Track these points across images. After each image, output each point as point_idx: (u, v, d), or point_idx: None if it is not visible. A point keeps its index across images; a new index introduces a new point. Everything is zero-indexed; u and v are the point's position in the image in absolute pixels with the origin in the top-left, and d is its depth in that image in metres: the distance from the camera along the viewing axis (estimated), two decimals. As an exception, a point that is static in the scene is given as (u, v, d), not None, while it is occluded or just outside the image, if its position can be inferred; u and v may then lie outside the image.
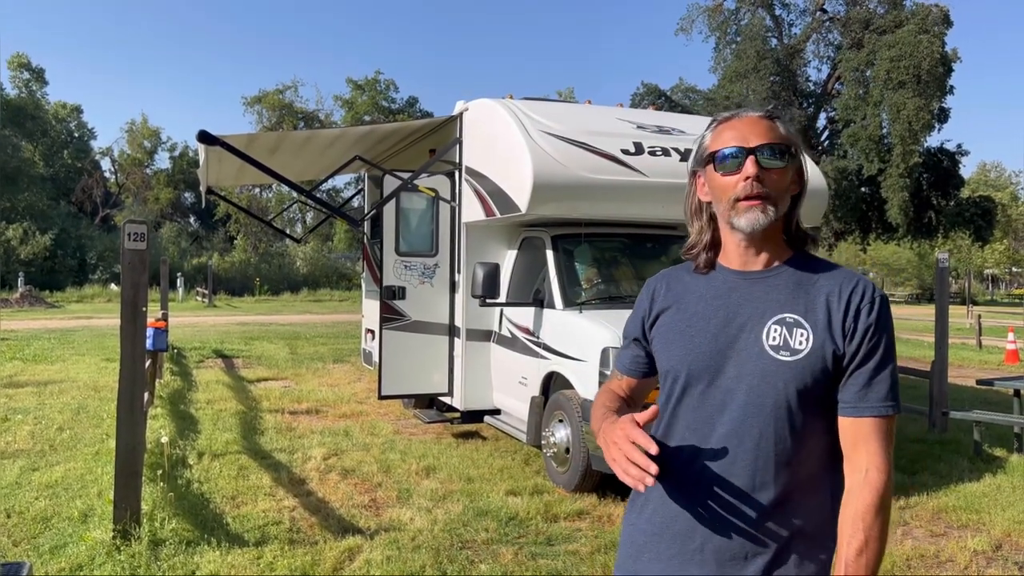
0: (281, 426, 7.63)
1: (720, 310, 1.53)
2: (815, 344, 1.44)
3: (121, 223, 5.03)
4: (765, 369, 1.45)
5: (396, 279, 7.10)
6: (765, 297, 1.51)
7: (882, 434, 1.45)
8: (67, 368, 11.30)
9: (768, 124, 1.51)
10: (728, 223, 1.52)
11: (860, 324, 1.45)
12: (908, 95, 28.06)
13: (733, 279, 1.55)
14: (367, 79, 48.55)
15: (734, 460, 1.45)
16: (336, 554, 4.25)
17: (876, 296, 1.48)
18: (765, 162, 1.47)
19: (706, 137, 1.57)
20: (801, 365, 1.43)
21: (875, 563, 1.39)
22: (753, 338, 1.48)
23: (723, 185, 1.50)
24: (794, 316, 1.47)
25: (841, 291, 1.47)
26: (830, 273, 1.52)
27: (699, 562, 1.46)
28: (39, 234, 35.44)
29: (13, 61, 46.12)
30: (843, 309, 1.46)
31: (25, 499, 5.13)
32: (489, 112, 6.60)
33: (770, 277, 1.53)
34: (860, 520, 1.39)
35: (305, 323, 21.06)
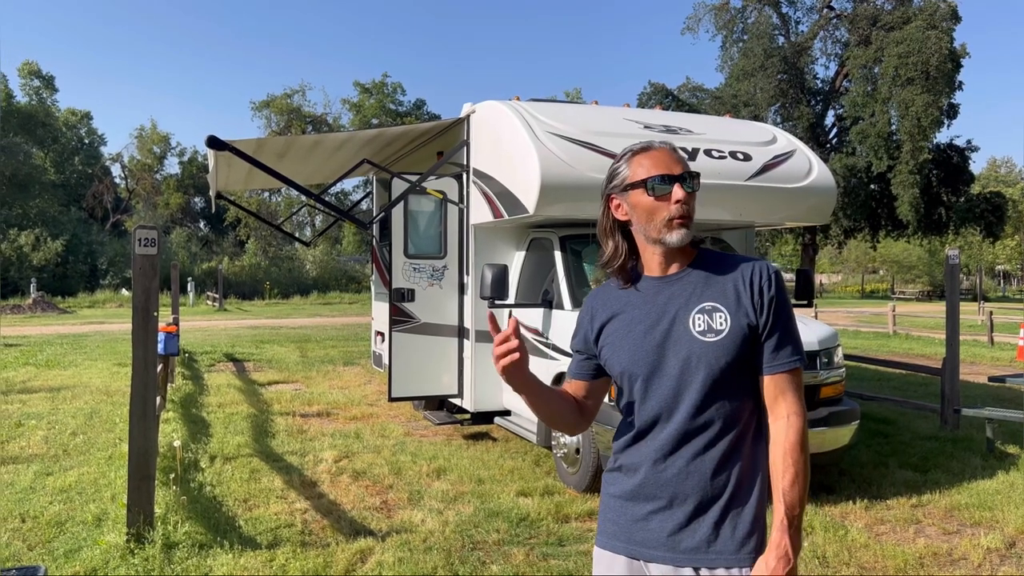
0: (292, 429, 7.66)
1: (652, 312, 1.80)
2: (733, 323, 1.72)
3: (132, 228, 5.05)
4: (697, 351, 1.72)
5: (405, 281, 7.12)
6: (684, 293, 1.78)
7: (794, 385, 1.75)
8: (79, 373, 11.38)
9: (677, 156, 1.79)
10: (655, 239, 1.78)
11: (765, 298, 1.74)
12: (917, 91, 27.87)
13: (657, 284, 1.82)
14: (374, 82, 48.69)
15: (687, 431, 1.73)
16: (348, 556, 4.27)
17: (771, 273, 1.77)
18: (688, 188, 1.76)
19: (622, 167, 1.82)
20: (725, 342, 1.71)
21: (805, 490, 1.69)
22: (683, 328, 1.74)
23: (654, 207, 1.76)
24: (712, 303, 1.75)
25: (743, 275, 1.76)
26: (731, 262, 1.80)
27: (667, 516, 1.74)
28: (51, 240, 35.67)
29: (23, 68, 46.42)
30: (749, 289, 1.74)
31: (39, 503, 5.17)
32: (496, 114, 6.61)
33: (685, 276, 1.80)
34: (789, 456, 1.69)
35: (315, 326, 21.13)
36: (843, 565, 4.32)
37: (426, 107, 50.04)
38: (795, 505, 1.67)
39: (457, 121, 7.35)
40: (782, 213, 6.61)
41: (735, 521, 1.72)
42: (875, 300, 42.25)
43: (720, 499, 1.72)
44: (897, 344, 16.81)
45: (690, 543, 1.72)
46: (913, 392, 9.90)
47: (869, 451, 6.73)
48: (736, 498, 1.73)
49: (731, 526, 1.72)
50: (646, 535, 1.77)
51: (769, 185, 6.34)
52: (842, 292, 55.28)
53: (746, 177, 6.25)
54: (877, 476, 6.01)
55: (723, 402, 1.72)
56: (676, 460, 1.74)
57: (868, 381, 10.70)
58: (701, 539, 1.72)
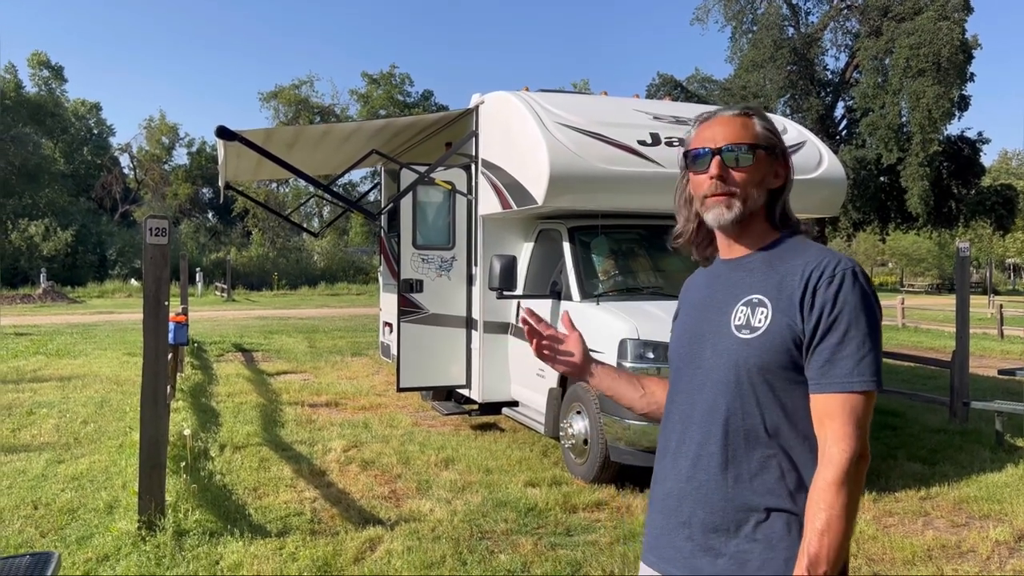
0: (301, 418, 7.70)
1: (707, 297, 1.64)
2: (773, 321, 1.48)
3: (142, 219, 5.08)
4: (730, 348, 1.52)
5: (413, 272, 7.14)
6: (739, 281, 1.58)
7: (847, 410, 1.41)
8: (90, 363, 11.44)
9: (741, 122, 1.58)
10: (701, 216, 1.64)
11: (817, 299, 1.45)
12: (928, 83, 27.69)
13: (723, 268, 1.65)
14: (382, 73, 48.57)
15: (709, 437, 1.53)
16: (357, 544, 4.30)
17: (839, 271, 1.46)
18: (729, 160, 1.56)
19: (689, 136, 1.66)
20: (759, 342, 1.48)
21: (839, 543, 1.36)
22: (724, 320, 1.55)
23: (696, 183, 1.62)
24: (760, 296, 1.52)
25: (804, 269, 1.49)
26: (803, 253, 1.54)
27: (687, 536, 1.54)
28: (60, 230, 35.81)
29: (33, 59, 46.51)
30: (802, 286, 1.47)
31: (52, 491, 5.21)
32: (505, 104, 6.60)
33: (746, 262, 1.60)
34: (822, 498, 1.38)
35: (323, 317, 21.18)
36: (851, 556, 4.31)
37: (434, 98, 49.95)
38: (820, 560, 1.35)
39: (466, 112, 7.34)
40: (792, 204, 6.57)
41: (764, 558, 1.45)
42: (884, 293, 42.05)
43: (745, 529, 1.47)
44: (906, 337, 16.75)
45: (710, 572, 1.50)
46: (922, 385, 9.87)
47: (878, 443, 6.71)
48: (767, 533, 1.46)
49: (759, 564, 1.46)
50: (672, 552, 1.57)
51: (779, 176, 6.30)
52: (851, 285, 55.05)
53: (756, 168, 6.21)
54: (886, 468, 6.00)
55: (753, 411, 1.48)
56: (698, 472, 1.53)
57: (877, 374, 10.66)
58: (722, 571, 1.48)
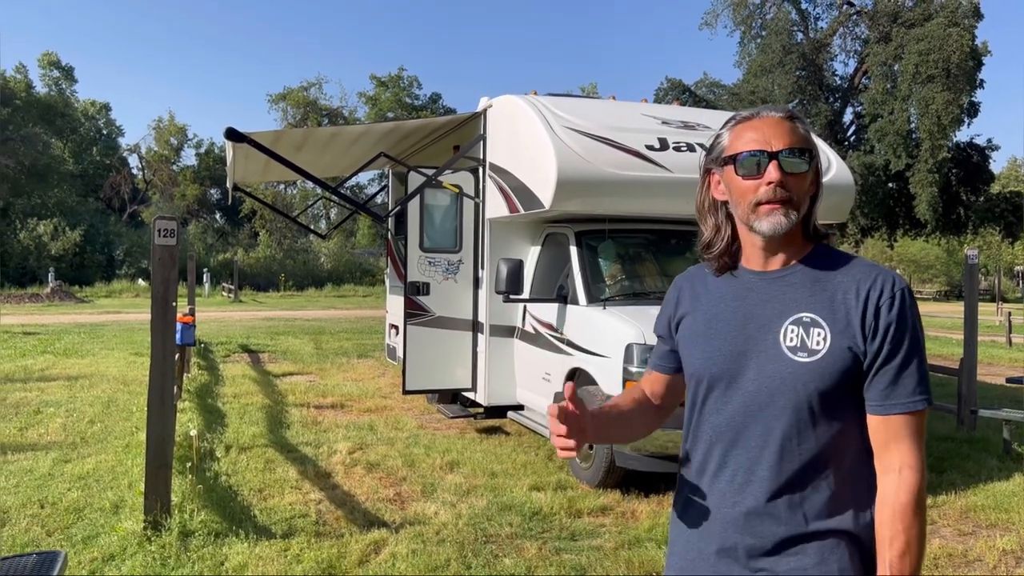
0: (307, 420, 7.71)
1: (738, 311, 1.52)
2: (833, 344, 1.41)
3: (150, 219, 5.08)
4: (783, 371, 1.43)
5: (420, 275, 7.14)
6: (782, 296, 1.49)
7: (913, 430, 1.41)
8: (97, 362, 11.48)
9: (790, 126, 1.48)
10: (747, 225, 1.50)
11: (881, 321, 1.40)
12: (937, 89, 27.64)
13: (754, 279, 1.54)
14: (391, 76, 48.69)
15: (759, 462, 1.45)
16: (362, 547, 4.30)
17: (897, 290, 1.42)
18: (788, 166, 1.45)
19: (724, 136, 1.54)
20: (820, 366, 1.41)
21: (918, 564, 1.37)
22: (771, 339, 1.46)
23: (743, 188, 1.48)
24: (811, 315, 1.44)
25: (859, 287, 1.43)
26: (848, 267, 1.48)
27: (731, 561, 1.47)
28: (69, 230, 35.97)
29: (43, 59, 46.80)
30: (862, 306, 1.42)
31: (58, 490, 5.23)
32: (513, 108, 6.61)
33: (787, 275, 1.50)
34: (899, 521, 1.37)
35: (329, 318, 21.21)
36: (857, 564, 4.30)
37: (442, 101, 50.10)
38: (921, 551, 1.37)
39: (474, 115, 7.35)
40: (800, 210, 6.56)
41: None
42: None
43: (799, 554, 1.42)
44: (913, 344, 16.63)
45: None
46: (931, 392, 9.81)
47: (884, 451, 6.68)
48: (824, 561, 1.42)
49: None
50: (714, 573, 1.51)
51: (787, 182, 6.29)
52: (858, 291, 54.87)
53: (764, 174, 6.21)
54: (892, 476, 5.96)
55: (808, 435, 1.43)
56: (746, 498, 1.46)
57: (884, 381, 10.62)
58: None
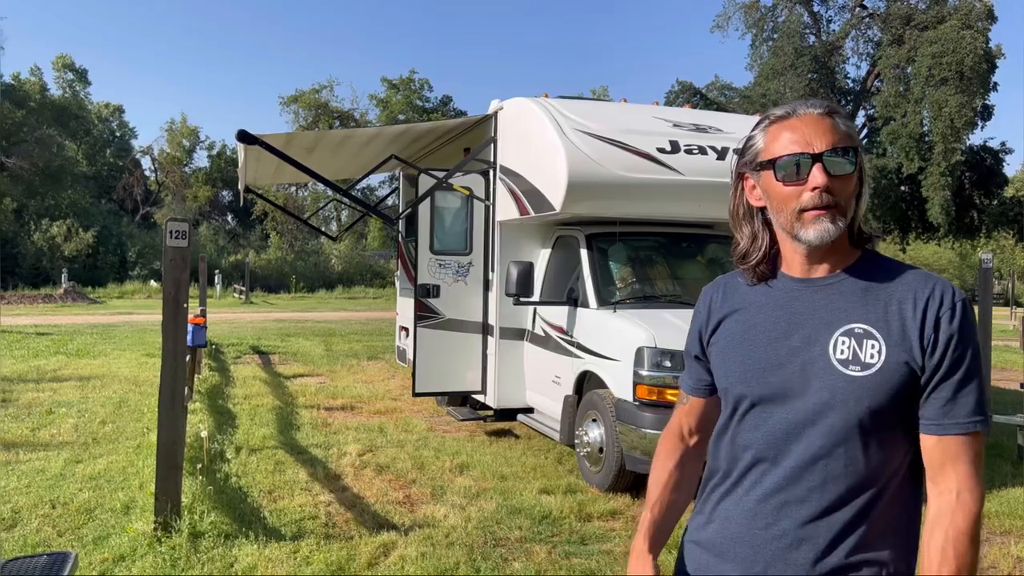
0: (317, 422, 7.72)
1: (781, 321, 1.40)
2: (889, 357, 1.31)
3: (162, 221, 5.11)
4: (834, 386, 1.32)
5: (430, 277, 7.14)
6: (830, 306, 1.37)
7: (972, 452, 1.31)
8: (109, 363, 11.54)
9: (830, 123, 1.35)
10: (791, 234, 1.38)
11: (941, 335, 1.30)
12: (950, 92, 27.47)
13: (796, 287, 1.42)
14: (402, 78, 48.77)
15: (800, 482, 1.34)
16: (371, 549, 4.29)
17: (957, 301, 1.32)
18: (833, 168, 1.33)
19: (757, 138, 1.42)
20: (874, 381, 1.30)
21: None
22: (819, 351, 1.35)
23: (785, 195, 1.36)
24: (863, 326, 1.33)
25: (916, 297, 1.33)
26: (902, 276, 1.37)
27: None
28: (82, 231, 36.19)
29: (58, 62, 47.16)
30: (920, 318, 1.31)
31: (69, 490, 5.25)
32: (524, 111, 6.60)
33: (835, 283, 1.39)
34: (951, 548, 1.26)
35: (340, 320, 21.25)
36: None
37: (453, 103, 50.10)
38: None
39: (484, 118, 7.35)
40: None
41: None
42: (903, 303, 41.68)
43: None
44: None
45: None
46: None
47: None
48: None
49: None
50: None
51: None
52: (870, 295, 54.70)
53: (776, 177, 6.18)
54: (905, 482, 5.92)
55: (857, 455, 1.31)
56: (781, 520, 1.34)
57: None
58: None
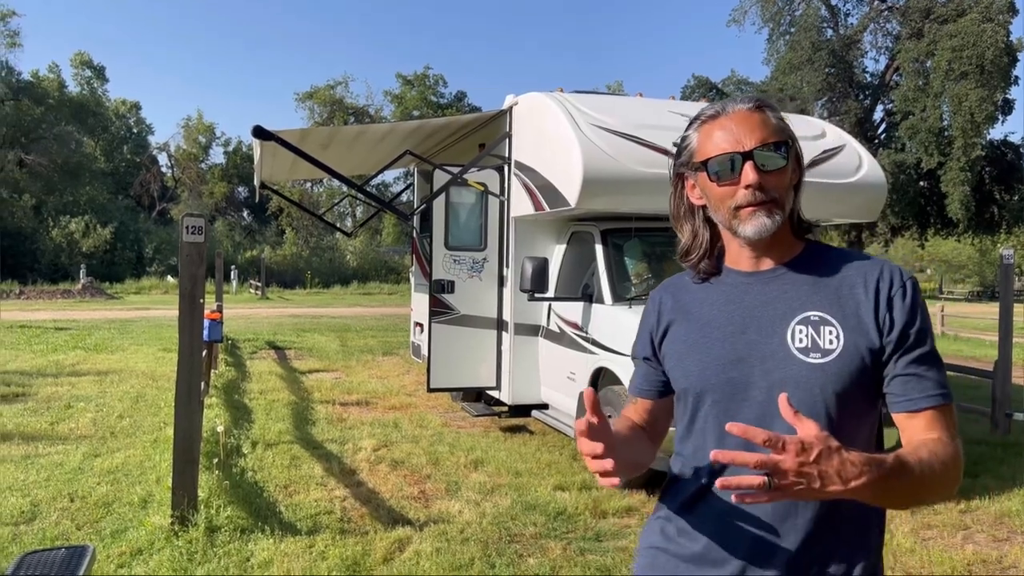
0: (332, 417, 7.74)
1: (735, 316, 1.40)
2: (847, 341, 1.31)
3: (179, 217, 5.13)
4: (796, 375, 1.32)
5: (445, 273, 7.14)
6: (783, 296, 1.37)
7: (947, 421, 1.31)
8: (126, 358, 11.63)
9: (760, 117, 1.35)
10: (731, 231, 1.39)
11: (896, 313, 1.32)
12: (970, 86, 27.18)
13: (745, 281, 1.42)
14: (416, 74, 48.84)
15: None
16: (386, 544, 4.30)
17: (907, 280, 1.35)
18: (765, 164, 1.33)
19: (691, 138, 1.42)
20: (836, 366, 1.30)
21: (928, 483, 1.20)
22: (778, 342, 1.34)
23: (720, 194, 1.36)
24: (819, 313, 1.34)
25: (867, 280, 1.35)
26: (849, 261, 1.39)
27: None
28: (100, 227, 36.56)
29: (76, 59, 47.60)
30: (873, 299, 1.33)
31: (87, 484, 5.29)
32: (539, 106, 6.57)
33: (784, 274, 1.40)
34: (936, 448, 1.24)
35: (355, 316, 21.33)
36: (888, 570, 4.22)
37: (467, 99, 50.14)
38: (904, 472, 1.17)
39: (499, 113, 7.33)
40: (830, 209, 6.48)
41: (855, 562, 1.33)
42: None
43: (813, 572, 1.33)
44: (945, 345, 16.39)
45: None
46: (962, 395, 9.63)
47: (915, 454, 6.57)
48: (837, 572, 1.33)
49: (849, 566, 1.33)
50: None
51: (817, 180, 6.20)
52: (887, 291, 54.21)
53: (793, 172, 6.13)
54: (924, 480, 5.86)
55: None
56: (756, 518, 1.33)
57: (914, 382, 10.46)
58: None
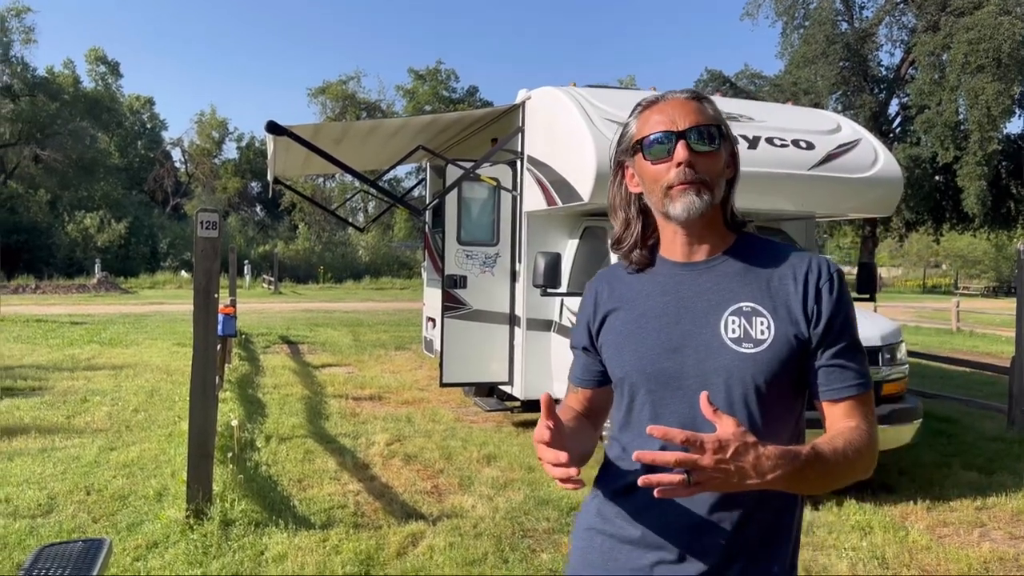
0: (345, 411, 7.77)
1: (670, 306, 1.44)
2: (778, 331, 1.37)
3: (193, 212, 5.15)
4: (730, 365, 1.36)
5: (457, 268, 7.14)
6: (716, 288, 1.43)
7: (866, 409, 1.38)
8: (141, 352, 11.71)
9: (696, 105, 1.43)
10: (663, 212, 1.44)
11: (824, 305, 1.38)
12: (987, 79, 26.85)
13: (678, 272, 1.47)
14: (428, 69, 48.85)
15: None
16: (400, 539, 4.31)
17: (833, 272, 1.41)
18: (696, 146, 1.39)
19: (631, 125, 1.48)
20: (767, 355, 1.36)
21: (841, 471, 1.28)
22: (710, 332, 1.39)
23: (654, 173, 1.42)
24: (750, 304, 1.39)
25: (796, 272, 1.41)
26: (779, 254, 1.45)
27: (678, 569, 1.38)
28: (114, 222, 36.80)
29: (90, 55, 47.88)
30: (802, 291, 1.39)
31: (104, 477, 5.33)
32: (552, 100, 6.55)
33: (717, 265, 1.45)
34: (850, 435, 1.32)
35: (367, 311, 21.38)
36: (903, 567, 4.20)
37: (479, 93, 50.10)
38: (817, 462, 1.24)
39: (512, 108, 7.31)
40: (846, 204, 6.43)
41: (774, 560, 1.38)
42: (937, 295, 41.04)
43: (744, 556, 1.36)
44: (961, 341, 16.26)
45: None
46: (978, 391, 9.56)
47: (931, 451, 6.52)
48: (766, 556, 1.38)
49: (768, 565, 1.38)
50: None
51: (833, 175, 6.16)
52: (902, 287, 53.81)
53: (809, 166, 6.09)
54: (939, 477, 5.82)
55: (758, 429, 1.34)
56: (693, 504, 1.36)
57: (930, 379, 10.38)
58: None
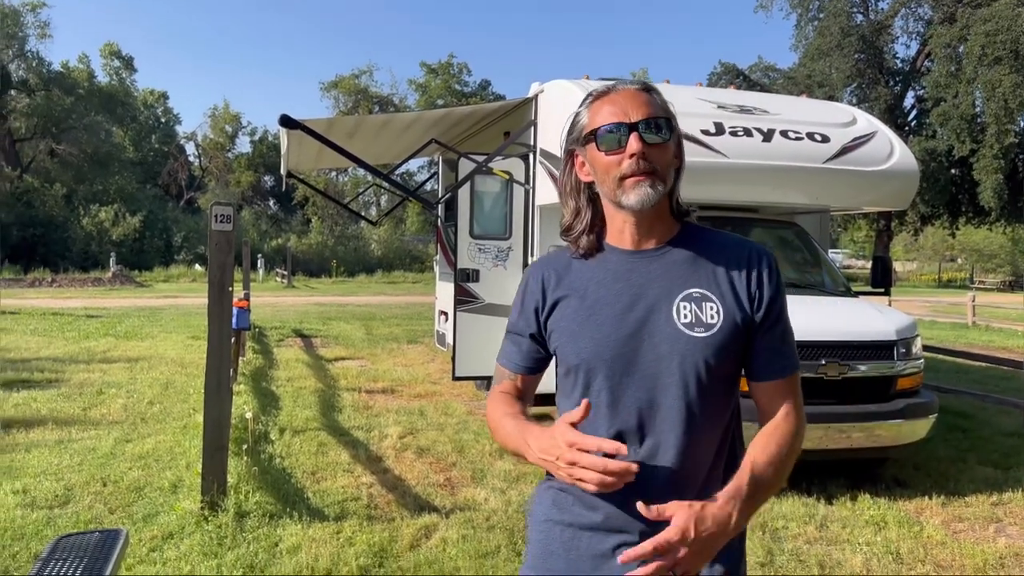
0: (358, 404, 7.79)
1: (623, 293, 1.49)
2: (726, 316, 1.44)
3: (207, 206, 5.15)
4: (684, 349, 1.42)
5: (470, 262, 7.15)
6: (667, 274, 1.48)
7: (795, 388, 1.50)
8: (156, 345, 11.79)
9: (646, 97, 1.46)
10: (615, 202, 1.48)
11: (765, 291, 1.47)
12: (1004, 72, 26.58)
13: (629, 260, 1.51)
14: (440, 63, 48.82)
15: (664, 445, 1.42)
16: (413, 531, 4.33)
17: (772, 260, 1.50)
18: (648, 137, 1.43)
19: (582, 115, 1.51)
20: (717, 339, 1.43)
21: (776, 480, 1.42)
22: (664, 318, 1.45)
23: (606, 163, 1.45)
24: (700, 290, 1.46)
25: (738, 260, 1.49)
26: (723, 242, 1.53)
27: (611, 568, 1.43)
28: (129, 216, 36.98)
29: (105, 49, 48.09)
30: (745, 277, 1.47)
31: (119, 469, 5.38)
32: (565, 93, 6.53)
33: (666, 253, 1.50)
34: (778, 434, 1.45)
35: (380, 304, 21.42)
36: (918, 563, 4.18)
37: (491, 87, 50.05)
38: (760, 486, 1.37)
39: (524, 101, 7.30)
40: (861, 197, 6.38)
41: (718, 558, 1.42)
42: (952, 289, 40.68)
43: None
44: (976, 336, 16.13)
45: None
46: (994, 386, 9.48)
47: (946, 446, 6.48)
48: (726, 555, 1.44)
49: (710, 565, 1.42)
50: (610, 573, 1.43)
51: (848, 168, 6.11)
52: (917, 281, 53.41)
53: (824, 159, 6.05)
54: (955, 472, 5.79)
55: (708, 412, 1.43)
56: (653, 485, 1.40)
57: (945, 373, 10.30)
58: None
